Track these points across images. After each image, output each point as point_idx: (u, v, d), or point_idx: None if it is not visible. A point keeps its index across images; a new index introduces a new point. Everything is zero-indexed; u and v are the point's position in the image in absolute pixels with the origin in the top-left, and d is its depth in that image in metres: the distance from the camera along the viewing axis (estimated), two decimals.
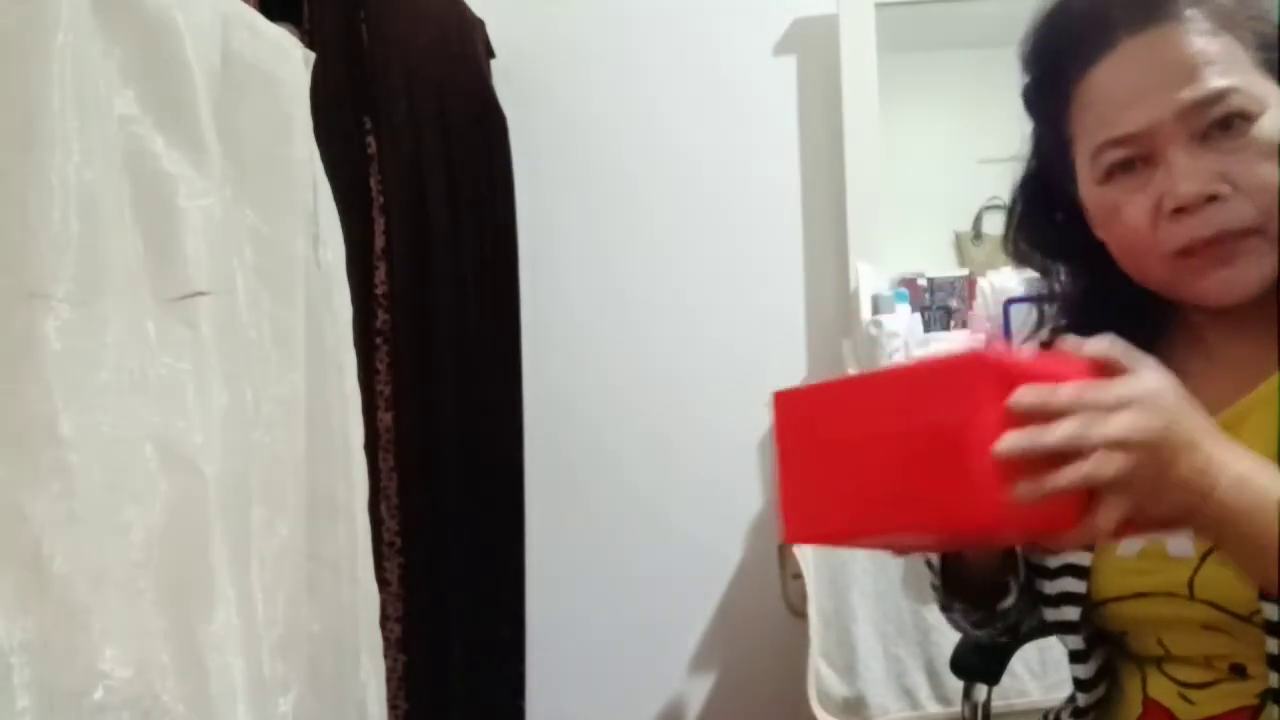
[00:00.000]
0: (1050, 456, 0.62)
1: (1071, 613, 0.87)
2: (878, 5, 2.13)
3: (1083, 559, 0.86)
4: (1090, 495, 0.64)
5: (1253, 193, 0.77)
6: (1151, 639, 0.84)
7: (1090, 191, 0.86)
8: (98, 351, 0.94)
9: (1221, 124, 0.78)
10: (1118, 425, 0.63)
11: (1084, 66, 0.83)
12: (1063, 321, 0.95)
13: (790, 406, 0.75)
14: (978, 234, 2.24)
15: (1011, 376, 0.64)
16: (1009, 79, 1.00)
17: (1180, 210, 0.79)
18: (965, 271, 2.16)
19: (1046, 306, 0.96)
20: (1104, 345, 0.69)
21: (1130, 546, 0.84)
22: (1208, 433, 0.67)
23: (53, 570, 0.87)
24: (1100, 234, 0.88)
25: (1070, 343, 0.70)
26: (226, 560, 1.04)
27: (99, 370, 0.94)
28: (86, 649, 0.89)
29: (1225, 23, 0.79)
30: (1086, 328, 0.92)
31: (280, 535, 1.21)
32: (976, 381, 0.64)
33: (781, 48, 2.23)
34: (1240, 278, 0.80)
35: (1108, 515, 0.64)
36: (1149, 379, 0.67)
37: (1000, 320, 1.92)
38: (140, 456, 0.96)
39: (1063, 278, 0.94)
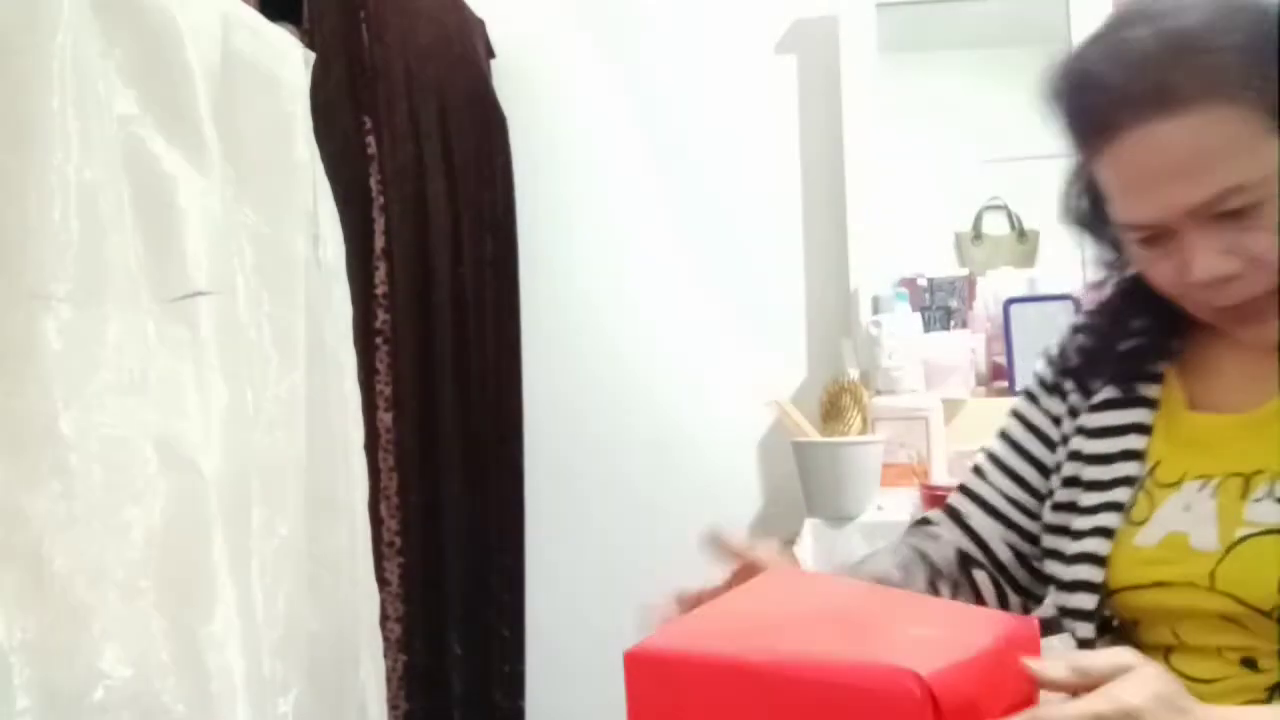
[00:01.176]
0: None
1: (1087, 600, 0.87)
2: (878, 5, 2.13)
3: (1101, 547, 0.86)
4: None
5: (1270, 262, 0.77)
6: (1165, 629, 0.84)
7: (1126, 243, 0.86)
8: (98, 351, 0.94)
9: (1231, 213, 0.77)
10: None
11: (1095, 145, 0.82)
12: (1111, 286, 0.94)
13: (648, 674, 0.63)
14: (978, 234, 2.24)
15: (945, 704, 0.56)
16: (1009, 79, 1.00)
17: (1200, 286, 0.80)
18: (965, 271, 2.15)
19: (1106, 269, 0.94)
20: (1065, 668, 0.64)
21: (1149, 536, 0.84)
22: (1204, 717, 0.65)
23: (53, 570, 0.87)
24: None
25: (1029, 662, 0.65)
26: (226, 560, 1.04)
27: (99, 370, 0.94)
28: (86, 649, 0.89)
29: (1232, 94, 0.76)
30: (1134, 306, 0.93)
31: (280, 535, 1.21)
32: (909, 713, 0.55)
33: (781, 48, 2.23)
34: (1270, 332, 0.81)
35: None
36: (1132, 688, 0.63)
37: (1000, 320, 1.92)
38: (140, 456, 0.97)
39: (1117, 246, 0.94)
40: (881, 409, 1.78)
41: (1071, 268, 1.98)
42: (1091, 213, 0.91)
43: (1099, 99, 0.80)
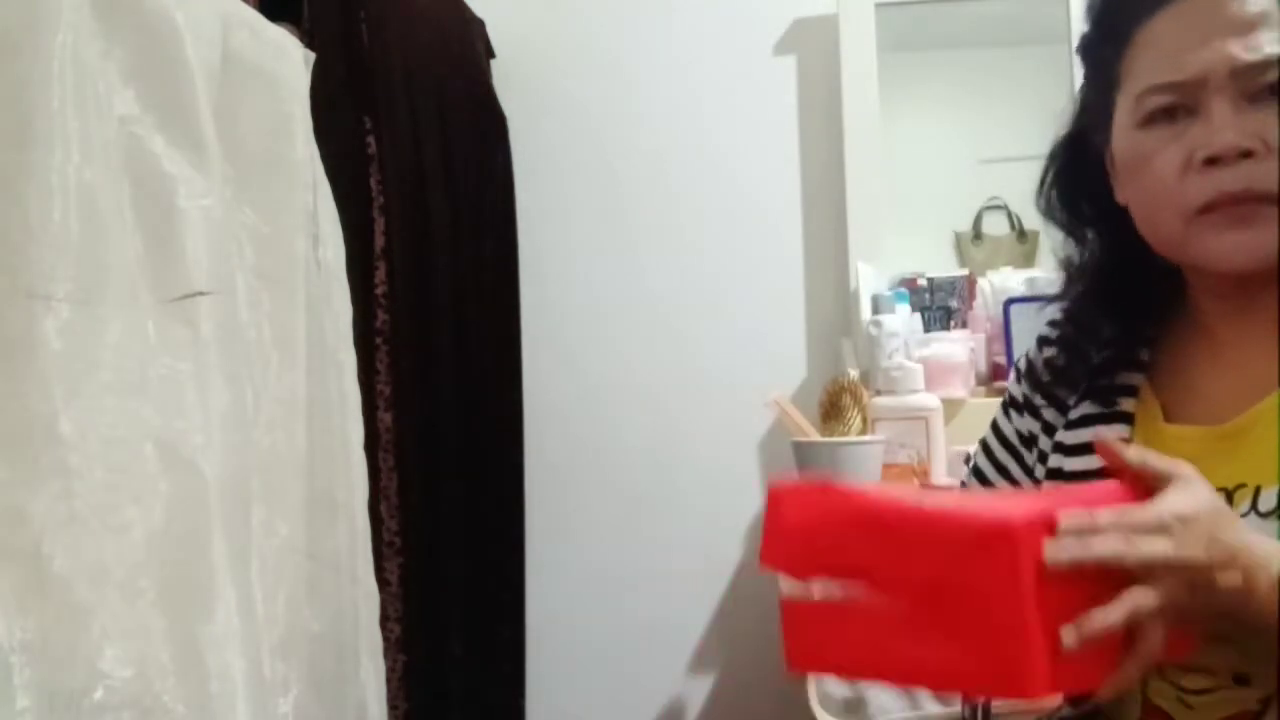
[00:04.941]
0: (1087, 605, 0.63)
1: None
2: (878, 5, 2.12)
3: None
4: (1126, 639, 0.65)
5: None
6: None
7: (1125, 138, 0.86)
8: (98, 351, 0.94)
9: (1272, 89, 0.78)
10: (1157, 548, 0.65)
11: (1151, 9, 0.83)
12: (1078, 299, 0.95)
13: (792, 503, 0.71)
14: (978, 234, 2.24)
15: (1044, 534, 0.64)
16: (1009, 79, 1.00)
17: (1212, 162, 0.79)
18: (965, 271, 2.15)
19: (1071, 273, 0.95)
20: (1135, 454, 0.71)
21: None
22: (1242, 540, 0.68)
23: (53, 570, 0.87)
24: (1125, 190, 0.88)
25: (1103, 436, 0.73)
26: (226, 560, 1.04)
27: (99, 370, 0.94)
28: (86, 649, 0.89)
29: None
30: (1101, 310, 0.93)
31: (280, 535, 1.21)
32: (1012, 551, 0.62)
33: (781, 48, 2.23)
34: (1252, 242, 0.80)
35: (1149, 647, 0.65)
36: (1182, 499, 0.68)
37: (1000, 320, 1.92)
38: (140, 456, 0.96)
39: (1086, 244, 0.94)
40: (881, 409, 1.78)
41: None
42: (1064, 200, 0.92)
43: None
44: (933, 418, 1.77)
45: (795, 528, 0.71)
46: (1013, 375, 1.02)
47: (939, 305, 2.11)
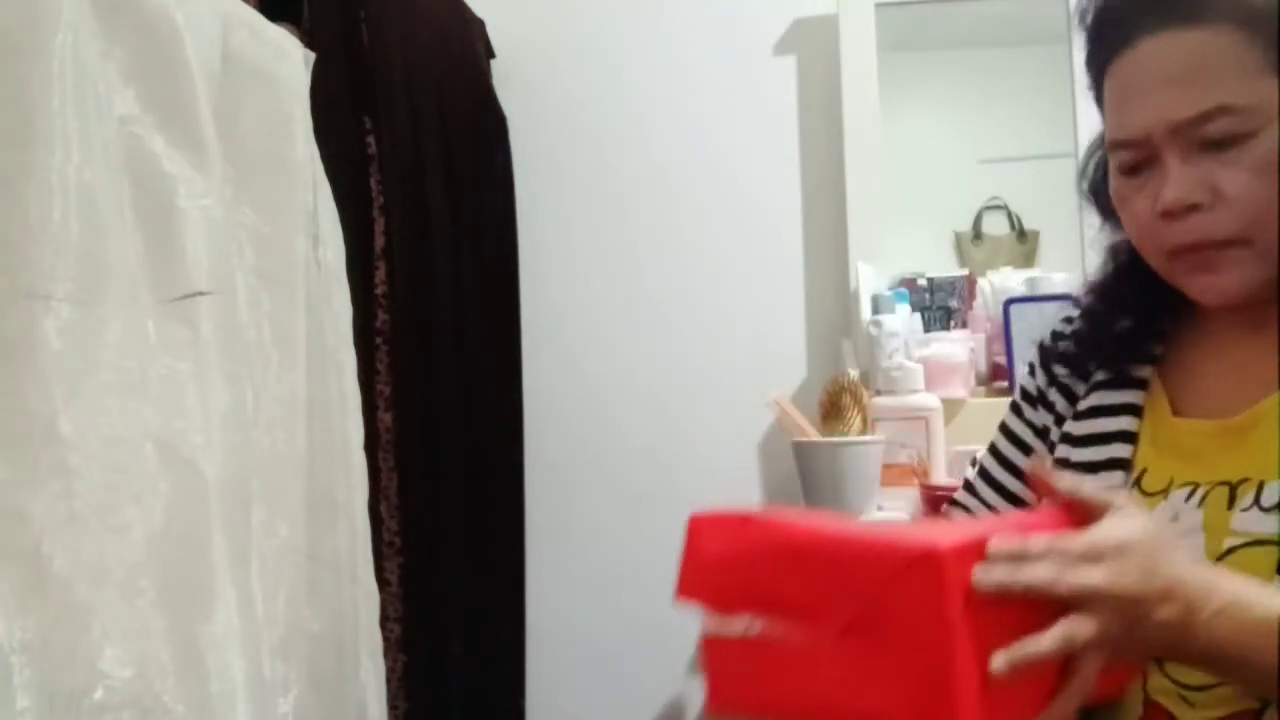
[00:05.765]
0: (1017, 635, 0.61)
1: None
2: (878, 5, 2.12)
3: None
4: (1061, 671, 0.64)
5: (1238, 204, 0.78)
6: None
7: (1111, 175, 0.87)
8: (98, 351, 0.94)
9: (1214, 140, 0.78)
10: (1091, 576, 0.64)
11: (1109, 57, 0.84)
12: (1105, 280, 0.95)
13: (712, 534, 0.68)
14: (978, 234, 2.24)
15: (974, 561, 0.62)
16: (1009, 79, 1.01)
17: (1166, 215, 0.80)
18: (965, 271, 2.15)
19: (1106, 257, 0.96)
20: (1070, 483, 0.71)
21: None
22: (1182, 571, 0.68)
23: (53, 570, 0.87)
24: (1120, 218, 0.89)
25: (1037, 470, 0.73)
26: (226, 560, 1.04)
27: (99, 370, 0.94)
28: (86, 649, 0.89)
29: (1241, 19, 0.77)
30: (1112, 310, 0.93)
31: (280, 535, 1.21)
32: (938, 577, 0.60)
33: (781, 48, 2.23)
34: (1220, 284, 0.81)
35: (1084, 679, 0.64)
36: (1118, 527, 0.67)
37: (1000, 320, 1.92)
38: (140, 456, 0.96)
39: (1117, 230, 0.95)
40: (881, 409, 1.78)
41: (1072, 268, 1.99)
42: (1094, 189, 0.92)
43: (1122, 9, 0.83)
44: (933, 418, 1.77)
45: (715, 560, 0.68)
46: (1025, 370, 1.02)
47: (939, 305, 2.11)
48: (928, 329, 2.05)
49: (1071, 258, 2.02)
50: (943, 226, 2.27)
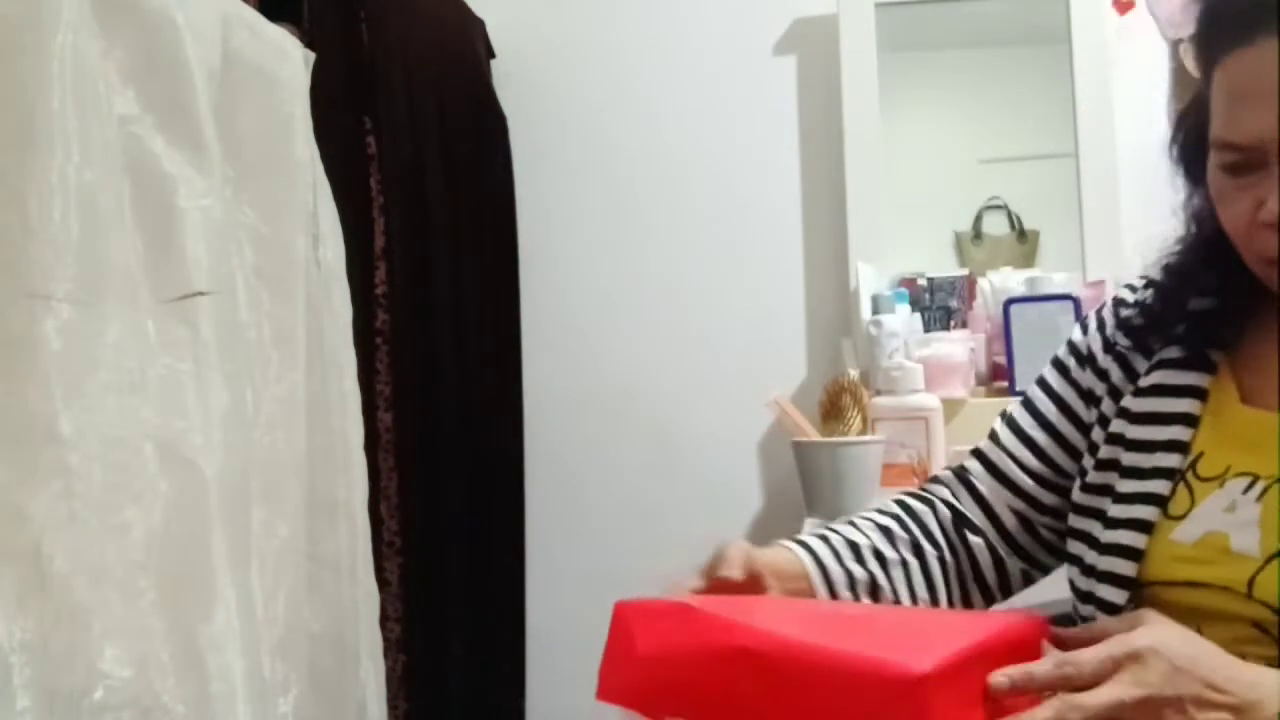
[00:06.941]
0: None
1: (1114, 594, 0.85)
2: (878, 5, 2.12)
3: (1136, 540, 0.84)
4: None
5: None
6: (1190, 628, 0.83)
7: (1210, 169, 0.84)
8: (98, 351, 0.94)
9: None
10: (1107, 694, 0.62)
11: (1224, 49, 0.80)
12: (1172, 268, 0.92)
13: (643, 627, 0.59)
14: (978, 234, 2.24)
15: (957, 681, 0.56)
16: (1009, 79, 0.99)
17: (1271, 226, 0.78)
18: (965, 271, 2.15)
19: (1186, 220, 0.92)
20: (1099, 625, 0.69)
21: (1187, 533, 0.82)
22: (1224, 675, 0.66)
23: (53, 570, 0.87)
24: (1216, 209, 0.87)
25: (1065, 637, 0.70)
26: (226, 560, 1.04)
27: (99, 370, 0.94)
28: (86, 649, 0.89)
29: None
30: (1189, 287, 0.90)
31: (280, 535, 1.21)
32: (920, 707, 0.54)
33: (781, 48, 2.23)
34: None
35: None
36: (1138, 635, 0.66)
37: (1000, 320, 1.92)
38: (140, 456, 0.96)
39: (1203, 200, 0.91)
40: (881, 409, 1.78)
41: (1072, 268, 1.99)
42: (1183, 156, 0.89)
43: (1245, 3, 0.79)
44: (933, 418, 1.77)
45: (647, 657, 0.60)
46: (1078, 330, 0.99)
47: (939, 305, 2.11)
48: (928, 329, 2.04)
49: (1071, 258, 2.02)
50: (943, 226, 2.26)
